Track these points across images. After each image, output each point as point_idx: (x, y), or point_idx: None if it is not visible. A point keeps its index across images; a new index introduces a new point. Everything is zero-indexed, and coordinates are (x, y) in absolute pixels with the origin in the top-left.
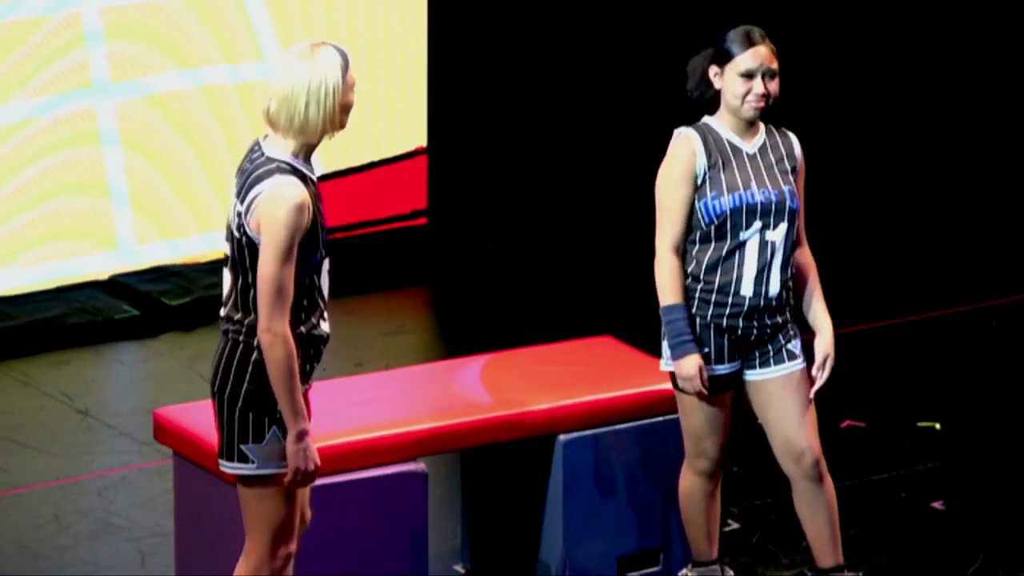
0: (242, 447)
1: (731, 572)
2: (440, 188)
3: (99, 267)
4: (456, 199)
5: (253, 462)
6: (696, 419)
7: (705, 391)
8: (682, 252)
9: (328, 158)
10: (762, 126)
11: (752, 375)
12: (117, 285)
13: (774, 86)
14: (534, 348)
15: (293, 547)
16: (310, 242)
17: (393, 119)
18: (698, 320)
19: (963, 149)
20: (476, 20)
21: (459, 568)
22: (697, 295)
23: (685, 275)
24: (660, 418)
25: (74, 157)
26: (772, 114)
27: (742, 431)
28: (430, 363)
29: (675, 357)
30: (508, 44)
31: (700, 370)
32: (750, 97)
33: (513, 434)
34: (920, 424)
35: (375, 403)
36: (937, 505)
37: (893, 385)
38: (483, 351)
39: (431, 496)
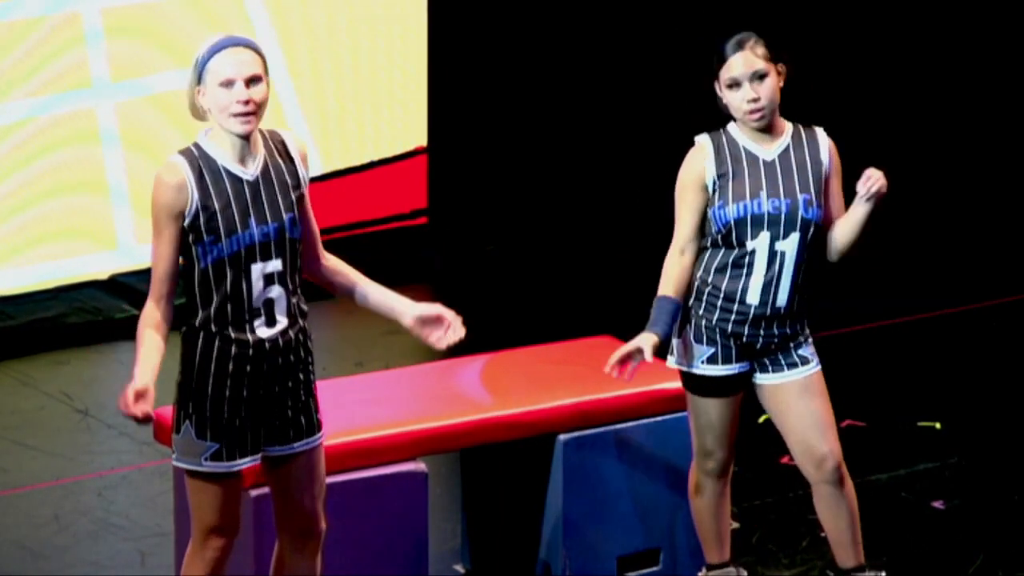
0: (172, 436)
1: (745, 572)
2: (440, 187)
3: (99, 267)
4: (457, 198)
5: (174, 453)
6: (704, 420)
7: (631, 365)
8: (692, 253)
9: (328, 158)
10: (789, 127)
11: (765, 379)
12: (117, 285)
13: (765, 89)
14: (534, 348)
15: (223, 543)
16: (196, 226)
17: (393, 118)
18: (704, 322)
19: (960, 150)
20: (476, 19)
21: (459, 568)
22: (705, 297)
23: (695, 276)
24: (660, 418)
25: (74, 156)
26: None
27: (742, 431)
28: (430, 363)
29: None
30: (508, 43)
31: (639, 351)
32: (744, 106)
33: (513, 434)
34: (920, 424)
35: (375, 403)
36: (937, 505)
37: (893, 385)
38: (483, 351)
39: (431, 496)
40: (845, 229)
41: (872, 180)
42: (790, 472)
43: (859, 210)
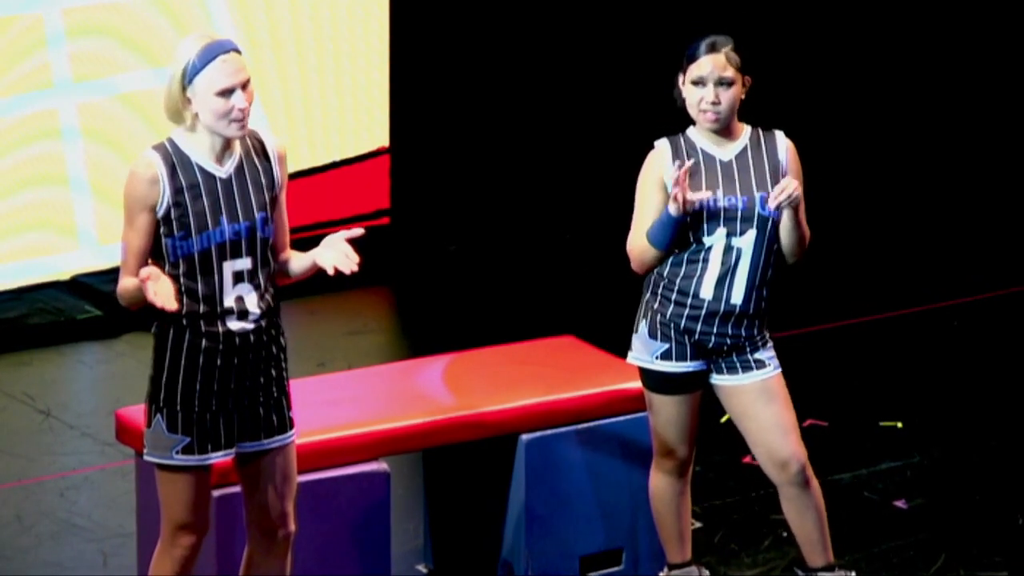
0: (144, 431)
1: (707, 572)
2: (402, 188)
3: (61, 267)
4: (418, 199)
5: (146, 448)
6: (662, 417)
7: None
8: None
9: (291, 158)
10: (746, 130)
11: (723, 380)
12: (79, 285)
13: (727, 95)
14: (496, 348)
15: (192, 540)
16: (168, 221)
17: (355, 119)
18: (659, 317)
19: (919, 151)
20: (437, 20)
21: (422, 568)
22: (660, 292)
23: (651, 272)
24: (622, 417)
25: (36, 157)
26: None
27: (704, 430)
28: (392, 363)
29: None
30: (470, 43)
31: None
32: (703, 106)
33: (475, 434)
34: (882, 423)
35: (337, 403)
36: (899, 504)
37: (855, 384)
38: (445, 351)
39: (393, 496)
40: (781, 234)
41: (784, 192)
42: (752, 471)
43: (783, 216)
